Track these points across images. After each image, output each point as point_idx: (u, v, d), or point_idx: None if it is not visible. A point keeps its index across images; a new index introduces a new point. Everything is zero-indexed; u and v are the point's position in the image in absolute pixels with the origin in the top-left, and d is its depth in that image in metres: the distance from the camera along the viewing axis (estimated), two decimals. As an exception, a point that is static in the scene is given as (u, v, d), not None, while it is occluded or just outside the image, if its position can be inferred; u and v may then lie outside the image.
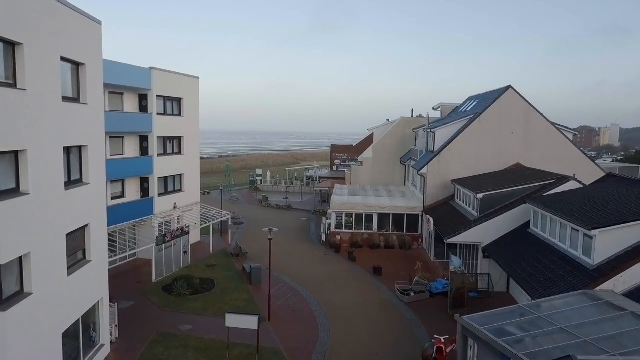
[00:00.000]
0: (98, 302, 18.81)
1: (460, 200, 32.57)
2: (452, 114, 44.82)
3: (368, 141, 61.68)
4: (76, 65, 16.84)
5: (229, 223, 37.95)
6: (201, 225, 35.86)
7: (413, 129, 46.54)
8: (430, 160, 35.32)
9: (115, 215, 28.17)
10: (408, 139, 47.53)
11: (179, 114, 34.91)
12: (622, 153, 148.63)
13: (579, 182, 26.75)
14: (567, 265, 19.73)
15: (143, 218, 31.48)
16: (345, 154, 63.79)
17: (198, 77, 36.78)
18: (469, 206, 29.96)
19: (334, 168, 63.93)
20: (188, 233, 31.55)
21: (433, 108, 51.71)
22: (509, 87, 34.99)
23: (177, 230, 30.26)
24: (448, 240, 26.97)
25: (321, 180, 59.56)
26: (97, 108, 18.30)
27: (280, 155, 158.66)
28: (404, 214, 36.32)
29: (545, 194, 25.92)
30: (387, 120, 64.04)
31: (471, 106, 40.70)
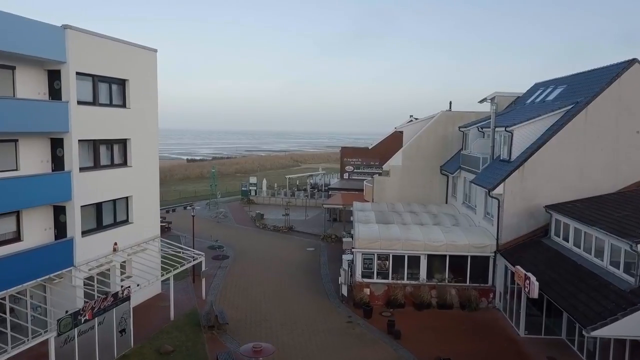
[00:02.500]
0: None
1: (569, 241, 20.31)
2: (517, 107, 32.49)
3: (392, 143, 49.37)
4: None
5: (203, 268, 25.52)
6: (162, 276, 23.50)
7: (459, 128, 34.27)
8: (508, 176, 23.05)
9: (2, 272, 16.21)
10: (451, 141, 35.24)
11: (122, 105, 22.60)
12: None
13: None
14: None
15: (54, 274, 19.20)
16: (359, 159, 51.52)
17: (155, 50, 24.46)
18: (603, 259, 17.69)
19: (346, 176, 51.65)
20: (128, 299, 19.21)
21: (480, 102, 39.42)
22: (634, 60, 22.72)
23: (104, 300, 17.90)
24: (596, 333, 14.57)
25: (330, 193, 47.25)
26: None
27: (279, 157, 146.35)
28: (467, 256, 24.03)
29: None
30: (411, 117, 51.82)
31: (553, 94, 28.42)
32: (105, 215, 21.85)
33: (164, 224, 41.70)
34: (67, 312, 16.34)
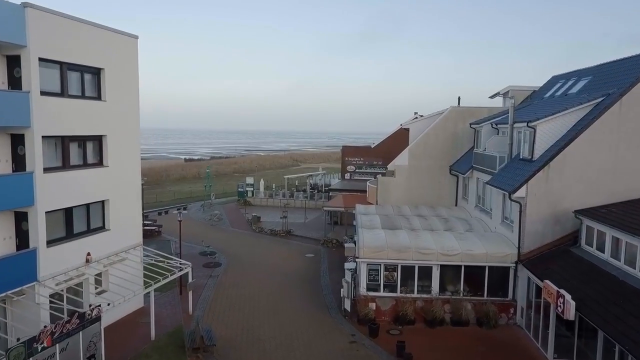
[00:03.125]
0: None
1: (605, 252, 17.73)
2: (535, 101, 29.90)
3: (396, 141, 46.86)
4: None
5: (190, 279, 22.90)
6: (144, 289, 20.91)
7: (470, 124, 31.68)
8: (531, 177, 20.48)
9: None
10: (462, 138, 32.65)
11: (97, 97, 20.03)
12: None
13: None
14: None
15: (13, 290, 16.64)
16: (361, 158, 48.95)
17: (136, 37, 21.89)
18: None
19: (347, 176, 49.07)
20: (98, 319, 16.64)
21: (492, 97, 36.95)
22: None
23: (68, 323, 15.33)
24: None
25: (331, 194, 44.67)
26: None
27: (278, 157, 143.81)
28: (484, 267, 21.44)
29: None
30: (416, 114, 49.29)
31: (576, 87, 25.86)
32: (77, 222, 19.27)
33: (153, 228, 39.20)
34: (18, 339, 13.77)
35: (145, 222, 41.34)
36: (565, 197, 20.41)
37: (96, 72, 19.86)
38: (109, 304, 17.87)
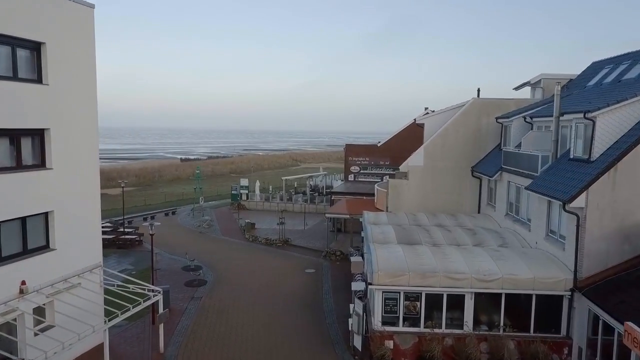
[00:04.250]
0: None
1: None
2: (576, 90, 25.41)
3: (406, 139, 42.50)
4: None
5: (161, 310, 18.36)
6: (105, 323, 16.43)
7: (497, 119, 27.25)
8: (592, 182, 16.04)
9: None
10: (485, 135, 28.20)
11: (36, 79, 15.55)
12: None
13: None
14: None
15: None
16: (367, 158, 44.48)
17: (92, 6, 17.40)
18: None
19: (351, 178, 44.61)
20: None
21: (517, 88, 32.48)
22: None
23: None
24: None
25: (333, 198, 40.21)
26: None
27: (277, 156, 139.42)
28: (531, 295, 16.98)
29: None
30: (427, 109, 44.85)
31: (633, 72, 21.36)
32: (7, 242, 14.80)
33: (134, 237, 34.77)
34: None
35: (126, 229, 36.94)
36: (637, 207, 15.99)
37: (35, 48, 15.40)
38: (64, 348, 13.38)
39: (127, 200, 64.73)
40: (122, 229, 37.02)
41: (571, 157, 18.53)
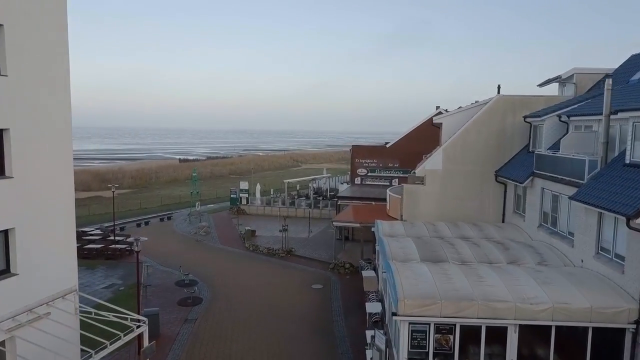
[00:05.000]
0: None
1: None
2: (619, 85, 22.65)
3: (416, 139, 39.86)
4: None
5: (145, 342, 15.60)
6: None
7: (525, 118, 24.52)
8: (662, 191, 13.31)
9: None
10: (512, 136, 25.48)
11: (-10, 69, 12.83)
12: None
13: None
14: None
15: None
16: (374, 160, 41.74)
17: (64, -16, 14.66)
18: None
19: (357, 181, 41.88)
20: None
21: (542, 84, 29.78)
22: None
23: None
24: None
25: (340, 203, 37.44)
26: None
27: (277, 157, 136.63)
28: (587, 328, 14.23)
29: None
30: (438, 108, 42.25)
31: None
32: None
33: (124, 246, 32.03)
34: None
35: (117, 237, 34.20)
36: None
37: (-12, 30, 12.67)
38: None
39: (122, 204, 62.23)
40: (112, 237, 34.29)
41: (628, 162, 15.79)
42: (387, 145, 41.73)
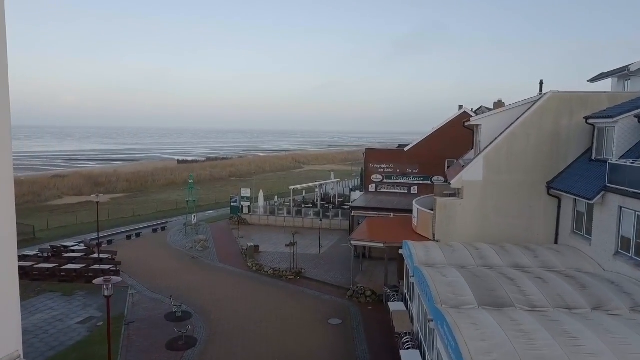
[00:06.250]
0: None
1: None
2: None
3: (439, 143, 35.74)
4: None
5: None
6: None
7: (586, 119, 20.33)
8: None
9: None
10: (568, 140, 21.33)
11: None
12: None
13: None
14: None
15: None
16: (391, 165, 37.52)
17: None
18: None
19: (372, 188, 37.67)
20: None
21: (593, 80, 25.62)
22: None
23: None
24: None
25: (353, 213, 33.21)
26: None
27: (279, 158, 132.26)
28: None
29: None
30: (461, 107, 38.19)
31: None
32: None
33: (108, 267, 27.83)
34: None
35: (102, 254, 30.00)
36: None
37: None
38: None
39: (114, 210, 57.95)
40: (96, 253, 30.06)
41: None
42: (406, 149, 37.52)
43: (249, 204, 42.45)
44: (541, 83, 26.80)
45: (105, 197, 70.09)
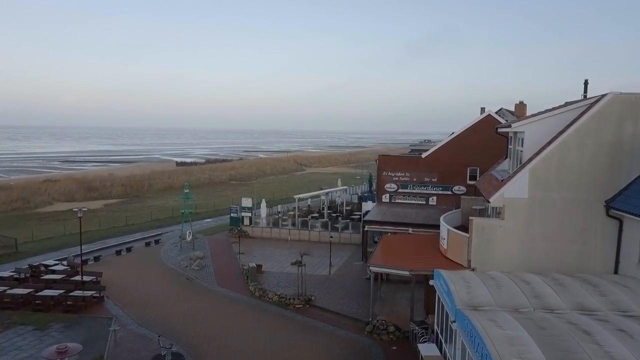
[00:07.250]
0: None
1: None
2: None
3: (459, 150, 32.36)
4: None
5: None
6: None
7: (659, 125, 16.96)
8: None
9: None
10: (631, 151, 17.96)
11: None
12: None
13: None
14: None
15: None
16: (407, 173, 34.06)
17: None
18: None
19: (385, 198, 34.23)
20: None
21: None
22: None
23: None
24: None
25: (367, 228, 29.77)
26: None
27: (280, 160, 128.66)
28: None
29: None
30: (484, 109, 34.89)
31: None
32: None
33: (90, 293, 24.42)
34: None
35: (85, 275, 26.58)
36: None
37: None
38: None
39: (107, 218, 54.45)
40: (79, 275, 26.64)
41: None
42: (423, 155, 34.09)
43: (250, 214, 38.98)
44: (586, 83, 23.37)
45: (99, 203, 66.72)
